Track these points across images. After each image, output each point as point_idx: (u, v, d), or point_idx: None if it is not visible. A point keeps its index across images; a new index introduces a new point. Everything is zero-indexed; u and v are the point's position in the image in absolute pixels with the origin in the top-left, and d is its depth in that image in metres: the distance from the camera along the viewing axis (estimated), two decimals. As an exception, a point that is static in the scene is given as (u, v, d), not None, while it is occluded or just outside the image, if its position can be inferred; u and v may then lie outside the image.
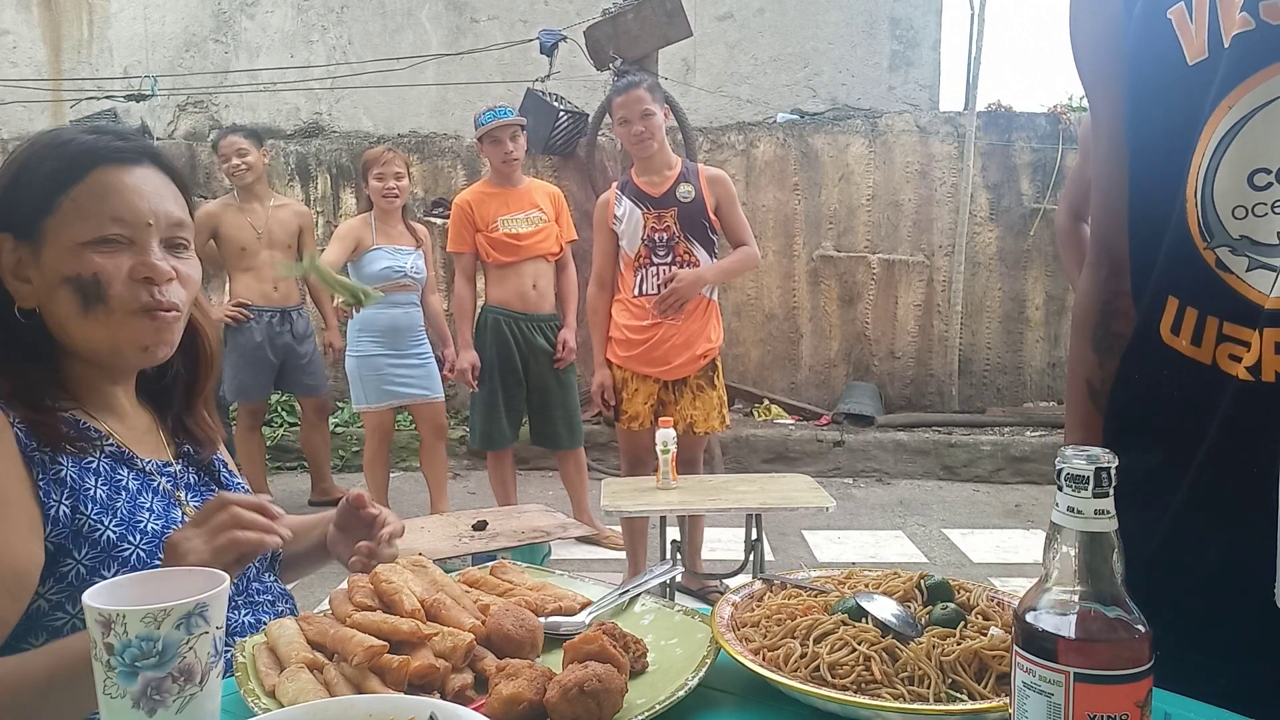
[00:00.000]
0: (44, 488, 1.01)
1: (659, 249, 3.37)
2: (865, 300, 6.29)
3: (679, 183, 3.37)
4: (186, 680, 0.76)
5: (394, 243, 4.23)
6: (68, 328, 1.06)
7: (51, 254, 1.04)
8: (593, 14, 5.67)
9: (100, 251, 1.05)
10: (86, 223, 1.04)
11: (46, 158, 1.06)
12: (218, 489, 1.23)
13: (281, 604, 1.23)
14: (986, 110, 6.31)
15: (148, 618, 0.74)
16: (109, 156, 1.06)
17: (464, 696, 0.88)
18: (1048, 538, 0.68)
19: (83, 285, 1.04)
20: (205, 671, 0.77)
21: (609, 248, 3.46)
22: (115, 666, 0.74)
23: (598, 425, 5.73)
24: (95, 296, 1.04)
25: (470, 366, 4.01)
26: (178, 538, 1.00)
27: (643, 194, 3.38)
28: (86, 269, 1.04)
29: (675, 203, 3.36)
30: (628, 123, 3.32)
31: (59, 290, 1.05)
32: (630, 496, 3.02)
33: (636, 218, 3.37)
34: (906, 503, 5.16)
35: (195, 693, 0.76)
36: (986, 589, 1.05)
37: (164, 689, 0.75)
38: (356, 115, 7.09)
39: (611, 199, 3.45)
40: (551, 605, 1.06)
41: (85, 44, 7.17)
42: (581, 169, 6.05)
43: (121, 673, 0.74)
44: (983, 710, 0.82)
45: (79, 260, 1.04)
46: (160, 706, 0.75)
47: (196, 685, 0.76)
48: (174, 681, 0.75)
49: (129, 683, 0.74)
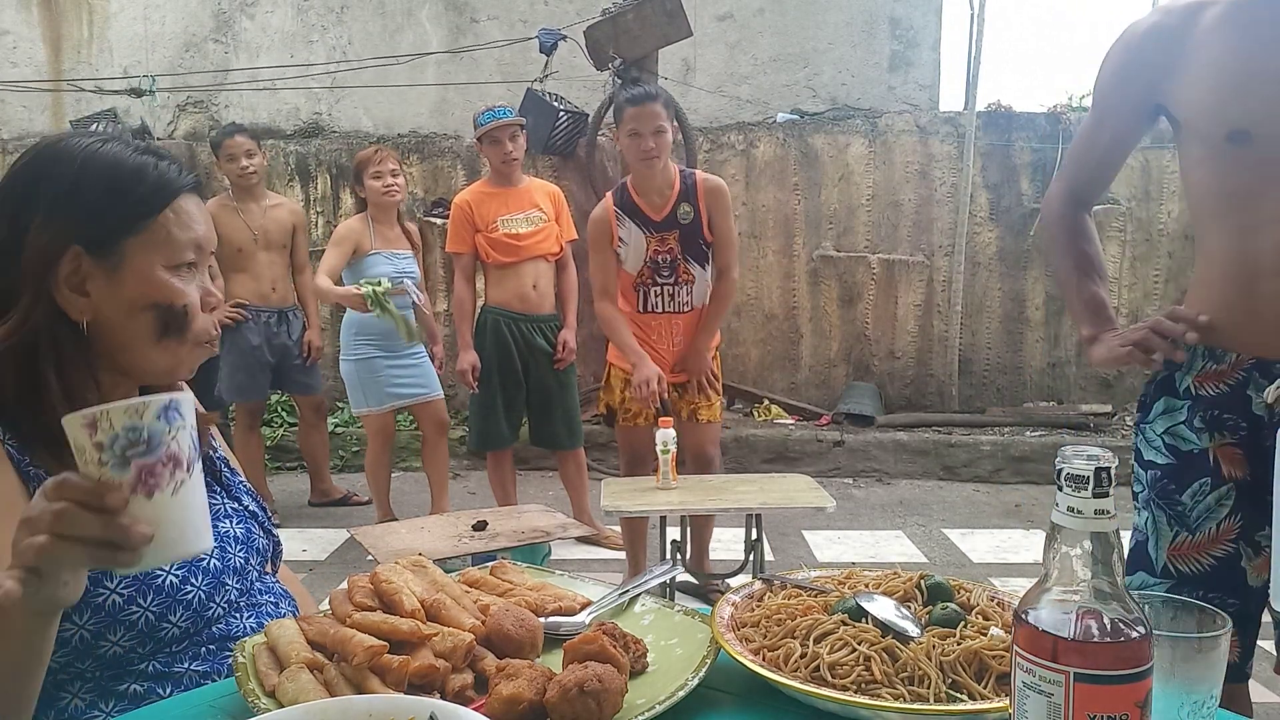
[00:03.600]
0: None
1: (662, 270, 3.35)
2: (865, 300, 6.29)
3: (679, 203, 3.30)
4: (175, 466, 0.79)
5: (391, 246, 4.23)
6: (133, 350, 1.07)
7: (133, 276, 1.05)
8: (593, 14, 5.67)
9: (179, 277, 1.08)
10: (172, 248, 1.07)
11: (127, 179, 1.05)
12: (220, 489, 1.23)
13: (283, 604, 1.22)
14: (986, 110, 6.31)
15: (130, 410, 0.78)
16: (186, 186, 1.10)
17: (464, 696, 0.88)
18: (1048, 538, 0.68)
19: (169, 314, 1.06)
20: (190, 462, 0.81)
21: (611, 264, 3.39)
22: (107, 462, 0.77)
23: (598, 425, 5.73)
24: (177, 327, 1.07)
25: (470, 367, 4.00)
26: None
27: (645, 217, 3.32)
28: (177, 299, 1.07)
29: (676, 225, 3.31)
30: (638, 136, 3.19)
31: (139, 315, 1.06)
32: (630, 496, 3.02)
33: (639, 240, 3.33)
34: (906, 503, 5.17)
35: (185, 479, 0.80)
36: (986, 589, 1.05)
37: (156, 473, 0.79)
38: (356, 115, 7.09)
39: (612, 219, 3.35)
40: (551, 605, 1.06)
41: (85, 44, 7.17)
42: (581, 169, 6.05)
43: (114, 465, 0.78)
44: (983, 710, 0.83)
45: (166, 288, 1.06)
46: (156, 490, 0.79)
47: (185, 472, 0.80)
48: (164, 467, 0.79)
49: (123, 471, 0.78)
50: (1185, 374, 1.52)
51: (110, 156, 1.06)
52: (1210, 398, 1.49)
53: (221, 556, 1.15)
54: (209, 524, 0.84)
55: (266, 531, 1.26)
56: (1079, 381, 6.31)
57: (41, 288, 1.03)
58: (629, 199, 3.34)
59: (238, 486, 1.26)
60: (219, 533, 1.17)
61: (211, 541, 0.84)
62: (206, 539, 0.83)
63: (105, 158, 1.06)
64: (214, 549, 1.14)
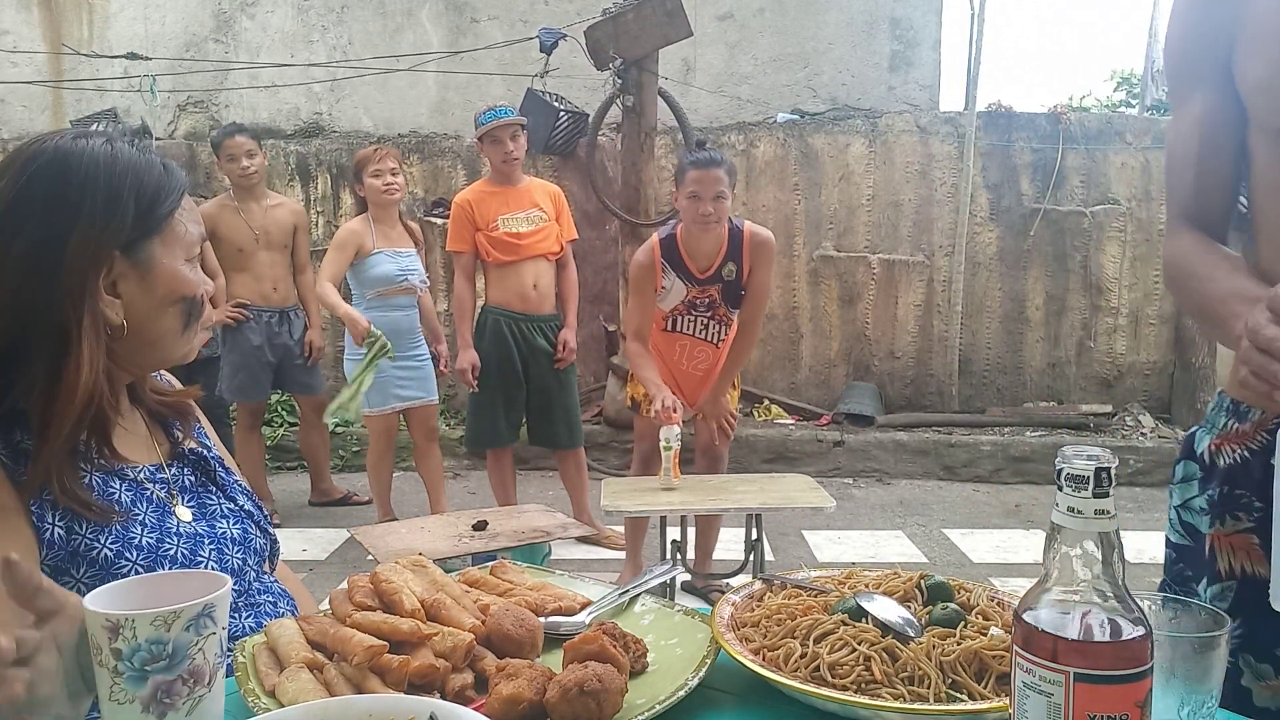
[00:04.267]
0: (36, 512, 1.00)
1: (699, 308, 3.42)
2: (865, 300, 6.29)
3: (725, 262, 3.32)
4: (195, 682, 0.76)
5: (394, 245, 4.22)
6: (163, 343, 1.12)
7: (162, 274, 1.10)
8: (593, 13, 5.66)
9: (192, 269, 1.13)
10: (186, 242, 1.12)
11: (155, 181, 1.09)
12: (215, 489, 1.22)
13: (282, 604, 1.22)
14: (986, 110, 6.31)
15: (157, 621, 0.73)
16: (187, 181, 1.16)
17: (464, 696, 0.88)
18: (1048, 538, 0.68)
19: (192, 305, 1.13)
20: (213, 672, 0.77)
21: (650, 309, 3.40)
22: (123, 671, 0.73)
23: (598, 425, 5.73)
24: (197, 314, 1.14)
25: (470, 367, 4.00)
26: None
27: (689, 272, 3.35)
28: (197, 289, 1.13)
29: (719, 280, 3.35)
30: (698, 199, 3.18)
31: (170, 309, 1.11)
32: (630, 496, 3.02)
33: (680, 289, 3.37)
34: (906, 503, 5.17)
35: (204, 694, 0.77)
36: (986, 589, 1.05)
37: (174, 692, 0.75)
38: (356, 115, 7.09)
39: (657, 268, 3.33)
40: (551, 605, 1.06)
41: (85, 44, 7.16)
42: (581, 169, 6.05)
43: (130, 677, 0.74)
44: (983, 710, 0.83)
45: (189, 280, 1.12)
46: (170, 710, 0.75)
47: (205, 687, 0.77)
48: (184, 684, 0.75)
49: (138, 687, 0.74)
50: (1206, 433, 1.16)
51: (129, 160, 1.08)
52: (1225, 468, 1.12)
53: (219, 558, 1.15)
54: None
55: (263, 531, 1.26)
56: (1079, 381, 6.31)
57: (83, 296, 1.03)
58: (676, 253, 3.34)
59: (233, 486, 1.26)
60: (216, 534, 1.17)
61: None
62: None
63: (125, 161, 1.08)
64: (211, 550, 1.14)
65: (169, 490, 1.16)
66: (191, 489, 1.19)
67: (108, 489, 1.07)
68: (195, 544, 1.13)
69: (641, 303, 3.40)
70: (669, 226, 3.41)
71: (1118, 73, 9.86)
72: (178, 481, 1.18)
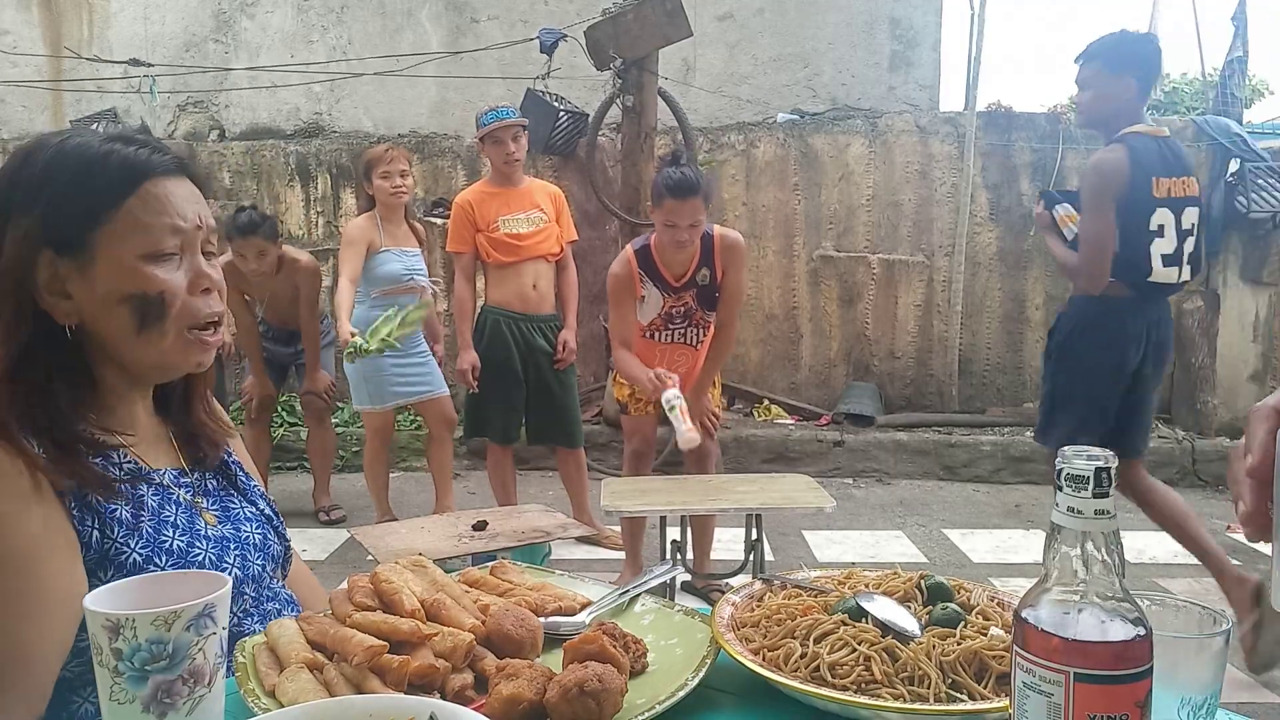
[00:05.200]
0: (76, 514, 0.99)
1: (676, 319, 3.46)
2: (865, 300, 6.29)
3: (699, 268, 3.37)
4: (196, 682, 0.76)
5: (400, 244, 4.23)
6: (118, 345, 1.04)
7: (106, 269, 1.01)
8: (593, 14, 5.66)
9: (159, 265, 1.03)
10: (145, 236, 1.02)
11: (85, 169, 1.02)
12: (236, 494, 1.21)
13: (288, 610, 1.21)
14: (986, 110, 6.31)
15: (158, 620, 0.73)
16: (157, 168, 1.04)
17: (464, 696, 0.88)
18: (1048, 538, 0.68)
19: (145, 303, 1.02)
20: (213, 672, 0.77)
21: (631, 318, 3.46)
22: (124, 671, 0.73)
23: (598, 425, 5.73)
24: (156, 315, 1.03)
25: (470, 367, 4.00)
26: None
27: (664, 281, 3.39)
28: (151, 286, 1.02)
29: (694, 285, 3.40)
30: (674, 227, 3.20)
31: (115, 309, 1.02)
32: (630, 496, 3.02)
33: (657, 298, 3.42)
34: (906, 503, 5.16)
35: (204, 694, 0.77)
36: (986, 589, 1.05)
37: (174, 691, 0.75)
38: (356, 115, 7.09)
39: (635, 278, 3.38)
40: (551, 605, 1.06)
41: (85, 44, 7.17)
42: (581, 169, 6.05)
43: (130, 677, 0.74)
44: (983, 710, 0.83)
45: (139, 277, 1.02)
46: (170, 709, 0.75)
47: (205, 687, 0.77)
48: (184, 684, 0.75)
49: (139, 687, 0.74)
50: None
51: (74, 150, 1.02)
52: None
53: (243, 564, 1.13)
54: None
55: (280, 536, 1.24)
56: (1079, 381, 6.30)
57: (23, 296, 1.00)
58: (651, 262, 3.38)
59: (252, 491, 1.24)
60: (241, 539, 1.15)
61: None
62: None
63: (69, 152, 1.02)
64: (237, 555, 1.13)
65: (194, 494, 1.14)
66: (215, 493, 1.18)
67: (136, 492, 1.06)
68: (222, 549, 1.11)
69: (622, 313, 3.46)
70: (643, 237, 3.46)
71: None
72: (201, 486, 1.16)
